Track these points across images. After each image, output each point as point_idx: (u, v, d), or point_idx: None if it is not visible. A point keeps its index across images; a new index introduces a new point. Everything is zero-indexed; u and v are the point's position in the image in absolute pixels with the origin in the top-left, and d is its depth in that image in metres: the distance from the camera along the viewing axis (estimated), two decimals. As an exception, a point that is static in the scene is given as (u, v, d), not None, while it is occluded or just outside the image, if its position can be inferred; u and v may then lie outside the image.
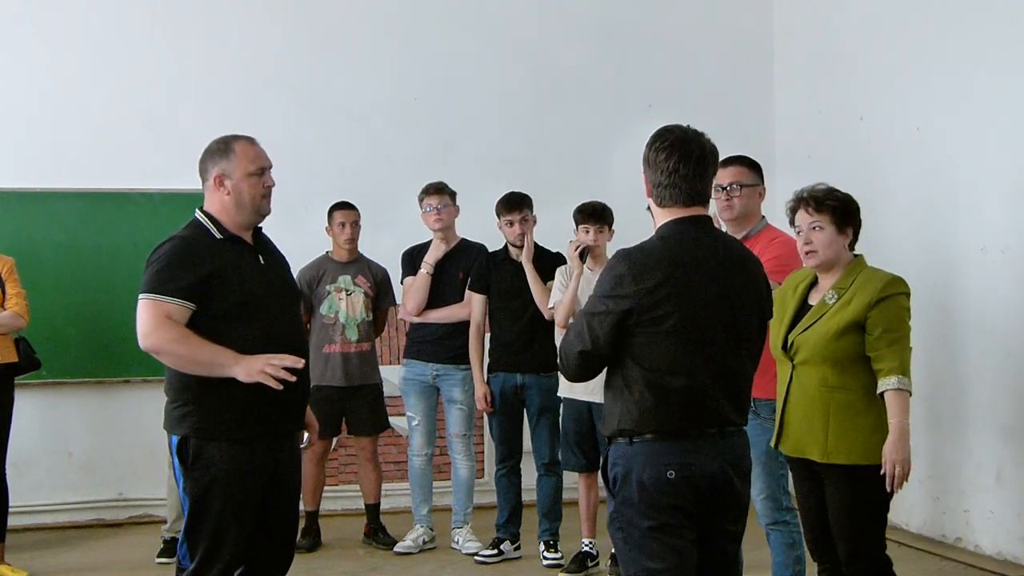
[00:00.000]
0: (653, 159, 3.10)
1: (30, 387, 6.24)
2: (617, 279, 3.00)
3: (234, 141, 3.58)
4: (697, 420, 3.03)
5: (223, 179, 3.53)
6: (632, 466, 3.02)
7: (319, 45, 7.24)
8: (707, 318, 3.02)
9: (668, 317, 2.97)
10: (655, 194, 3.12)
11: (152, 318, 3.39)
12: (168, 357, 3.42)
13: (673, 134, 3.12)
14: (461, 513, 6.07)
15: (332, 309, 6.10)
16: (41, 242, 6.62)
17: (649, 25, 7.68)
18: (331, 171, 7.08)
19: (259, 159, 3.59)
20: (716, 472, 3.04)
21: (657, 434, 3.01)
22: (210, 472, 3.41)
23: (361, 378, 6.10)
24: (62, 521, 6.65)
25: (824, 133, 7.17)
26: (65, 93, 6.81)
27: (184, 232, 3.53)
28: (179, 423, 3.45)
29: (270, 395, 3.40)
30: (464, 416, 6.01)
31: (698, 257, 3.05)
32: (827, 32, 7.24)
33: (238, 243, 3.56)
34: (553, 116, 7.52)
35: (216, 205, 3.56)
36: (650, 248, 3.06)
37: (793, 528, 4.39)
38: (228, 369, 3.37)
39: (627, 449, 3.05)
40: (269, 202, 3.61)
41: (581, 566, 5.55)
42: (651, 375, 3.00)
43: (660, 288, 2.97)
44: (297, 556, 5.92)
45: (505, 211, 5.83)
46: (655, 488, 3.00)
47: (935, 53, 6.19)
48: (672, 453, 3.01)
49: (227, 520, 3.42)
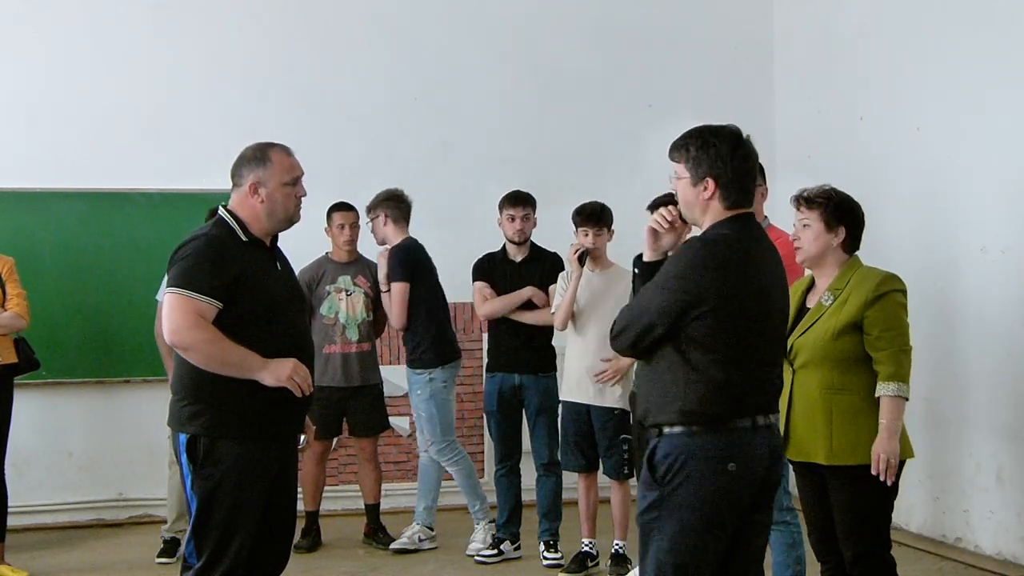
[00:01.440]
0: (729, 159, 3.09)
1: (30, 387, 6.24)
2: (694, 264, 3.02)
3: (270, 149, 3.62)
4: (754, 410, 3.04)
5: (258, 187, 3.56)
6: (689, 457, 3.00)
7: (319, 45, 7.25)
8: (768, 310, 3.09)
9: (738, 306, 3.00)
10: (724, 194, 3.09)
11: (185, 315, 3.37)
12: (197, 355, 3.41)
13: (741, 136, 3.17)
14: (477, 506, 6.02)
15: (332, 310, 6.10)
16: (41, 242, 6.62)
17: (649, 25, 7.68)
18: (331, 171, 7.07)
19: (295, 169, 3.63)
20: (769, 464, 3.07)
21: (717, 424, 3.00)
22: (220, 470, 3.42)
23: (361, 379, 6.09)
24: (62, 521, 6.65)
25: (824, 133, 7.17)
26: (65, 93, 6.81)
27: (213, 231, 3.53)
28: (189, 421, 3.46)
29: (279, 397, 3.44)
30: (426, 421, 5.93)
31: (761, 252, 3.12)
32: (827, 32, 7.24)
33: (260, 247, 3.60)
34: (553, 116, 7.52)
35: (246, 210, 3.58)
36: (726, 239, 3.06)
37: (793, 528, 4.40)
38: (255, 373, 3.40)
39: (685, 440, 3.02)
40: (299, 211, 3.67)
41: (581, 566, 5.55)
42: (714, 363, 2.99)
43: (734, 278, 3.00)
44: (297, 556, 5.97)
45: (508, 205, 5.83)
46: (713, 481, 2.98)
47: (935, 53, 6.19)
48: (733, 445, 3.00)
49: (236, 519, 3.44)
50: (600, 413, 5.41)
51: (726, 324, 2.99)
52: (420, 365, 5.90)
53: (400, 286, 5.81)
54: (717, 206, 3.10)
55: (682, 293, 2.99)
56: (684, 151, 3.13)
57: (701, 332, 3.00)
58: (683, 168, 3.13)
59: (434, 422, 5.88)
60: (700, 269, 3.00)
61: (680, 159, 3.15)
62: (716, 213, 3.11)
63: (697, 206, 3.13)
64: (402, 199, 6.02)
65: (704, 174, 3.09)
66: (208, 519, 3.43)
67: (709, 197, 3.09)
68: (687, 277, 3.01)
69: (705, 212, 3.12)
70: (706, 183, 3.09)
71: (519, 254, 5.86)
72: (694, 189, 3.11)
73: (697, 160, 3.10)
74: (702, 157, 3.10)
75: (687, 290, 2.99)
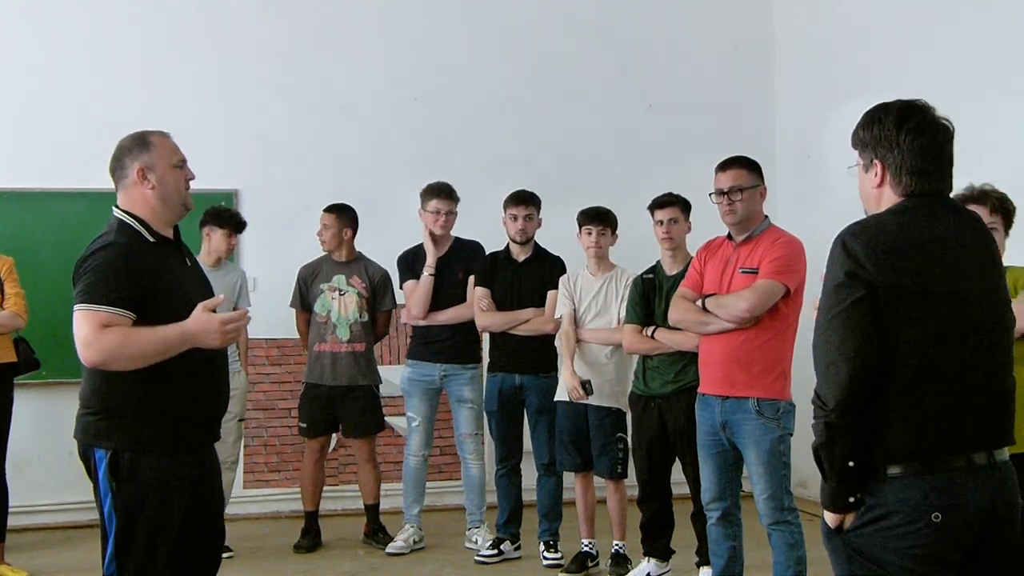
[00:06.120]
0: (896, 135, 2.63)
1: (30, 387, 6.24)
2: (848, 257, 2.53)
3: (149, 135, 3.48)
4: (959, 442, 2.51)
5: (146, 172, 3.38)
6: (884, 507, 2.50)
7: (319, 45, 7.24)
8: (949, 311, 2.54)
9: (900, 305, 2.51)
10: (894, 178, 2.64)
11: (90, 329, 3.18)
12: (118, 364, 3.22)
13: (916, 106, 2.67)
14: (477, 513, 6.08)
15: (324, 308, 6.10)
16: (41, 242, 6.62)
17: (649, 25, 7.69)
18: (331, 171, 7.09)
19: (178, 151, 3.48)
20: (985, 511, 2.50)
21: (916, 464, 2.49)
22: (143, 486, 3.26)
23: (351, 379, 6.08)
24: (62, 521, 6.65)
25: (824, 133, 7.16)
26: (65, 93, 6.80)
27: (117, 238, 3.29)
28: (107, 436, 3.29)
29: (196, 405, 3.34)
30: (474, 415, 6.02)
31: (940, 237, 2.59)
32: (827, 32, 7.24)
33: (167, 245, 3.42)
34: (553, 116, 7.52)
35: (139, 203, 3.38)
36: (880, 225, 2.60)
37: (795, 528, 4.39)
38: (185, 345, 3.21)
39: (877, 486, 2.52)
40: (190, 197, 3.49)
41: (581, 566, 5.55)
42: (902, 382, 2.51)
43: (912, 272, 2.52)
44: (297, 556, 6.00)
45: (512, 204, 5.83)
46: (915, 534, 2.47)
47: (935, 53, 6.19)
48: (940, 490, 2.47)
49: (159, 533, 3.28)
50: (596, 412, 5.41)
51: (905, 329, 2.53)
52: (473, 359, 6.08)
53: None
54: (890, 194, 2.65)
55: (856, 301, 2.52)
56: (856, 134, 2.73)
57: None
58: (858, 154, 2.74)
59: (481, 416, 6.05)
60: (845, 261, 2.53)
61: (855, 144, 2.75)
62: (890, 203, 2.65)
63: (871, 196, 2.70)
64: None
65: (871, 157, 2.68)
66: (132, 536, 3.27)
67: (879, 183, 2.66)
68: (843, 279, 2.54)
69: (879, 202, 2.68)
70: (875, 167, 2.67)
71: (522, 254, 5.86)
72: (866, 176, 2.70)
73: (864, 142, 2.70)
74: (868, 137, 2.68)
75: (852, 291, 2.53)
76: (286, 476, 7.01)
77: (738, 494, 4.61)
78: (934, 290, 2.52)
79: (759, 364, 4.33)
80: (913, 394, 2.50)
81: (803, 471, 6.92)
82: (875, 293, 2.49)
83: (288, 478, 6.96)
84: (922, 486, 2.48)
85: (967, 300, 2.56)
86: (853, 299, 2.50)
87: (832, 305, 2.52)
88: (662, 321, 5.00)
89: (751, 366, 4.33)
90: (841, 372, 2.49)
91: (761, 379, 4.33)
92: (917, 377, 2.50)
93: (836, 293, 2.52)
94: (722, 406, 4.39)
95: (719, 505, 4.55)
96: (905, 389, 2.50)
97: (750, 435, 4.33)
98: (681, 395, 4.99)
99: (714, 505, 4.56)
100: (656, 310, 5.13)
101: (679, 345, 4.96)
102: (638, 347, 5.18)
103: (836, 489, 2.54)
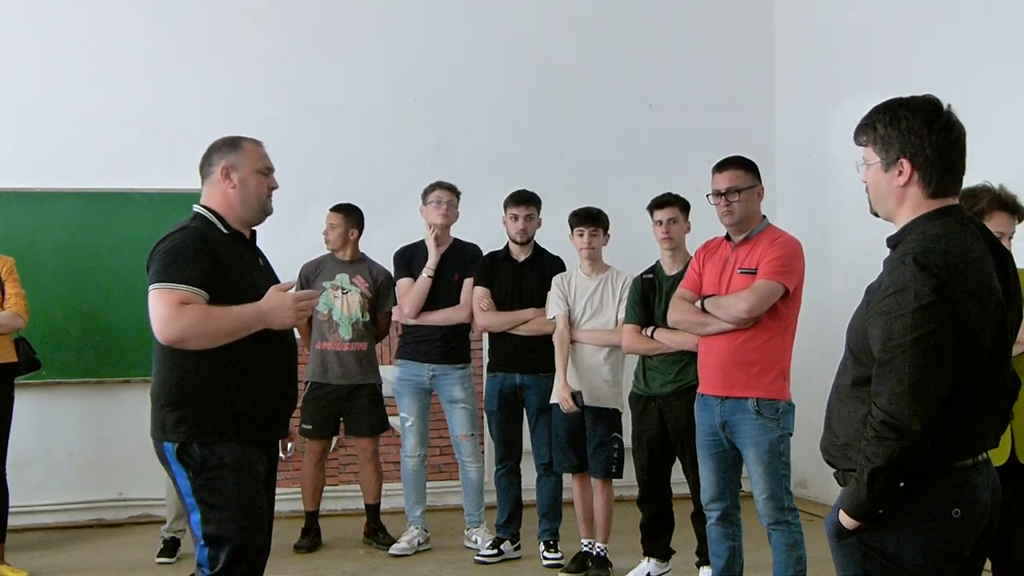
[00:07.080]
0: (927, 133, 2.55)
1: (30, 387, 6.24)
2: (924, 283, 2.45)
3: (242, 139, 3.59)
4: (976, 446, 2.57)
5: (230, 171, 3.50)
6: (904, 504, 2.52)
7: (319, 45, 7.25)
8: (991, 323, 2.52)
9: (963, 323, 2.48)
10: (924, 177, 2.57)
11: (167, 306, 3.24)
12: (195, 340, 3.26)
13: (940, 106, 2.59)
14: (475, 513, 6.09)
15: (326, 306, 6.10)
16: (41, 242, 6.62)
17: (649, 25, 7.69)
18: (331, 171, 7.09)
19: (266, 159, 3.62)
20: (991, 509, 2.59)
21: (942, 461, 2.52)
22: (222, 469, 3.30)
23: (354, 377, 6.09)
24: (62, 521, 6.65)
25: (824, 133, 7.17)
26: (65, 93, 6.81)
27: (192, 223, 3.46)
28: (175, 429, 3.32)
29: (269, 401, 3.40)
30: (468, 415, 6.01)
31: (980, 252, 2.56)
32: (827, 32, 7.24)
33: (241, 240, 3.54)
34: (553, 116, 7.53)
35: (219, 199, 3.52)
36: (946, 243, 2.53)
37: (795, 528, 4.40)
38: (259, 325, 3.31)
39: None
40: (272, 204, 3.61)
41: (581, 566, 5.55)
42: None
43: (972, 294, 2.49)
44: (297, 556, 6.00)
45: (512, 204, 5.83)
46: (937, 530, 2.51)
47: (935, 52, 6.19)
48: (957, 488, 2.52)
49: (249, 509, 3.33)
50: (592, 412, 5.41)
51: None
52: (462, 360, 6.05)
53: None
54: (916, 193, 2.58)
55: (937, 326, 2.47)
56: (871, 131, 2.62)
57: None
58: (871, 152, 2.63)
59: (476, 416, 6.05)
60: (923, 287, 2.46)
61: (867, 141, 2.64)
62: (915, 203, 2.59)
63: (891, 196, 2.62)
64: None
65: (897, 155, 2.58)
66: (221, 519, 3.29)
67: (905, 183, 2.58)
68: (923, 306, 2.46)
69: (902, 202, 2.61)
70: (900, 165, 2.58)
71: (522, 254, 5.86)
72: (886, 175, 2.60)
73: (887, 139, 2.59)
74: (892, 134, 2.58)
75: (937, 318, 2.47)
76: (286, 476, 6.99)
77: (738, 494, 4.61)
78: (986, 309, 2.51)
79: (758, 364, 4.33)
80: (947, 405, 2.48)
81: (803, 471, 6.94)
82: (954, 313, 2.46)
83: (288, 478, 6.96)
84: (941, 484, 2.51)
85: (1004, 312, 2.57)
86: (942, 320, 2.44)
87: (918, 325, 2.44)
88: (662, 321, 5.00)
89: (750, 366, 4.34)
90: (931, 396, 2.44)
91: (760, 379, 4.33)
92: (953, 390, 2.48)
93: (924, 312, 2.43)
94: (721, 406, 4.39)
95: (719, 505, 4.55)
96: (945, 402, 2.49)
97: (749, 435, 4.34)
98: (681, 395, 5.00)
99: (714, 505, 4.56)
100: (656, 310, 5.14)
101: (679, 345, 4.96)
102: (638, 347, 5.18)
103: (871, 503, 2.51)
